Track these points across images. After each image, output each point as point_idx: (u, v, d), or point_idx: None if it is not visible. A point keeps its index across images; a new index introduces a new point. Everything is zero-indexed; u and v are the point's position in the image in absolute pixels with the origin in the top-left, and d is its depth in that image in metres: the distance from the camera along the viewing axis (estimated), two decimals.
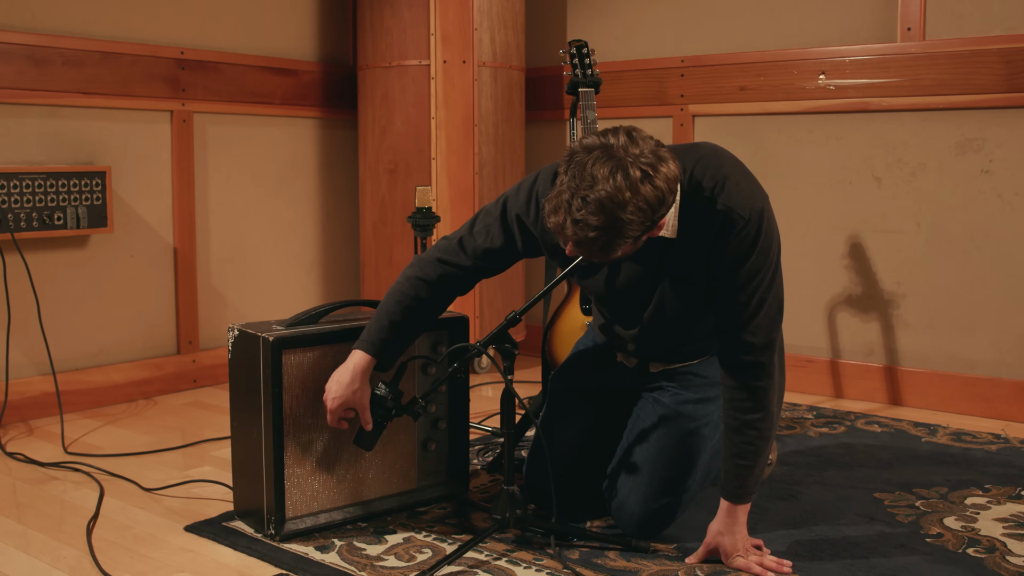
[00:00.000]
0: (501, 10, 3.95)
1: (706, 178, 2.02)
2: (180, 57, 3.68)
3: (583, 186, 1.82)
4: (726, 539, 2.12)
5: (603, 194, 1.80)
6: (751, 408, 2.05)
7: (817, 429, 3.18)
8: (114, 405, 3.55)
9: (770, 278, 2.04)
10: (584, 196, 1.81)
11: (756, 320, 2.03)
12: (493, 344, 2.15)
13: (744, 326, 2.04)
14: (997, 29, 3.29)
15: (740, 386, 2.05)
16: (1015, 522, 2.35)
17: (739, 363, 2.05)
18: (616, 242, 1.85)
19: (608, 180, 1.80)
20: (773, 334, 2.07)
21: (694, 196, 2.02)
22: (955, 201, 3.40)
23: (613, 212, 1.80)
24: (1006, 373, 3.34)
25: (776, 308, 2.07)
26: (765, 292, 2.04)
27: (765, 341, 2.05)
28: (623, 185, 1.80)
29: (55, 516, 2.45)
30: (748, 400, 2.05)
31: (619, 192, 1.79)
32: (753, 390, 2.05)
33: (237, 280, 3.96)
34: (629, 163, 1.81)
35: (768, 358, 2.05)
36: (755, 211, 2.01)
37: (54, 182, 3.28)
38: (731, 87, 3.77)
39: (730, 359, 2.07)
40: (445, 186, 3.89)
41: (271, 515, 2.24)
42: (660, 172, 1.83)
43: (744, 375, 2.05)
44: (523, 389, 3.72)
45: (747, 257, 2.01)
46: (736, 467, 2.08)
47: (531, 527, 2.20)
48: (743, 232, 1.99)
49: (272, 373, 2.20)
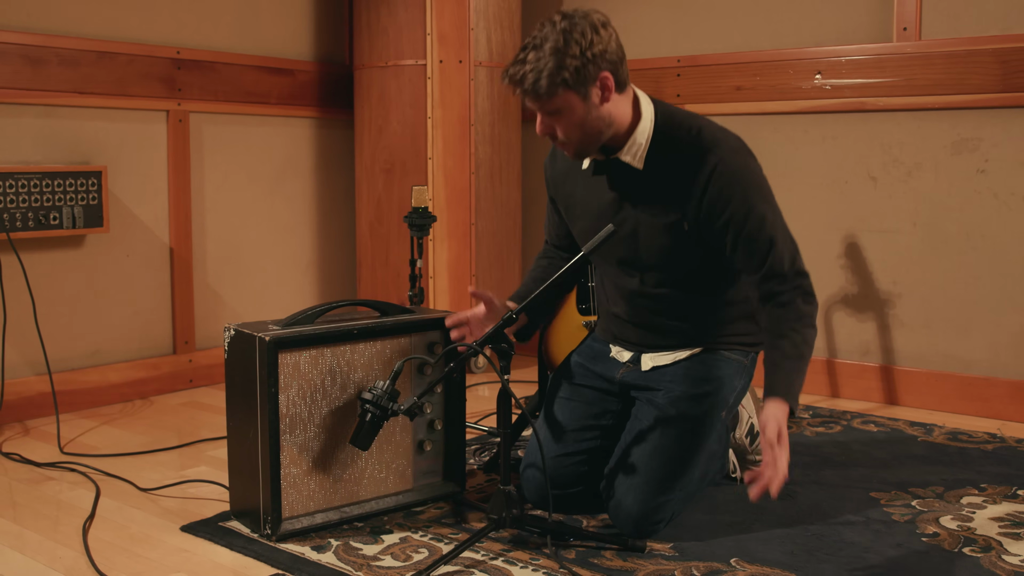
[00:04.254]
0: (497, 10, 3.95)
1: (684, 122, 2.24)
2: (176, 57, 3.67)
3: None
4: (772, 424, 2.04)
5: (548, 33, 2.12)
6: (796, 319, 2.15)
7: (813, 428, 3.19)
8: (110, 405, 3.55)
9: (772, 212, 2.20)
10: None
11: (775, 251, 2.16)
12: (489, 344, 2.15)
13: (766, 261, 2.17)
14: (993, 29, 3.29)
15: (784, 307, 2.17)
16: (1011, 521, 2.36)
17: (778, 295, 2.18)
18: (553, 61, 2.07)
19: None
20: (797, 261, 2.20)
21: (668, 129, 2.22)
22: (951, 201, 3.40)
23: (556, 37, 2.10)
24: (1002, 372, 3.34)
25: (791, 238, 2.21)
26: (773, 225, 2.18)
27: (793, 268, 2.18)
28: (563, 31, 2.10)
29: (51, 516, 2.45)
30: (793, 314, 2.16)
31: (558, 34, 2.10)
32: (799, 310, 2.16)
33: (233, 280, 3.96)
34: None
35: (804, 281, 2.18)
36: (728, 148, 2.19)
37: (50, 182, 3.28)
38: (727, 87, 3.78)
39: (769, 298, 2.19)
40: (441, 186, 3.88)
41: (267, 515, 2.24)
42: (595, 36, 2.11)
43: (788, 297, 2.17)
44: (519, 389, 3.73)
45: (738, 196, 2.16)
46: (779, 367, 2.13)
47: (527, 527, 2.20)
48: (723, 169, 2.16)
49: (268, 373, 2.20)
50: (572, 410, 2.46)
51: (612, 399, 2.47)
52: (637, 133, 2.23)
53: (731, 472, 2.62)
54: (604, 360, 2.51)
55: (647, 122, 2.23)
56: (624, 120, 2.21)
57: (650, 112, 2.24)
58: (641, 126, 2.23)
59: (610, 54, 2.13)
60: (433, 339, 2.50)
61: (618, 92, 2.17)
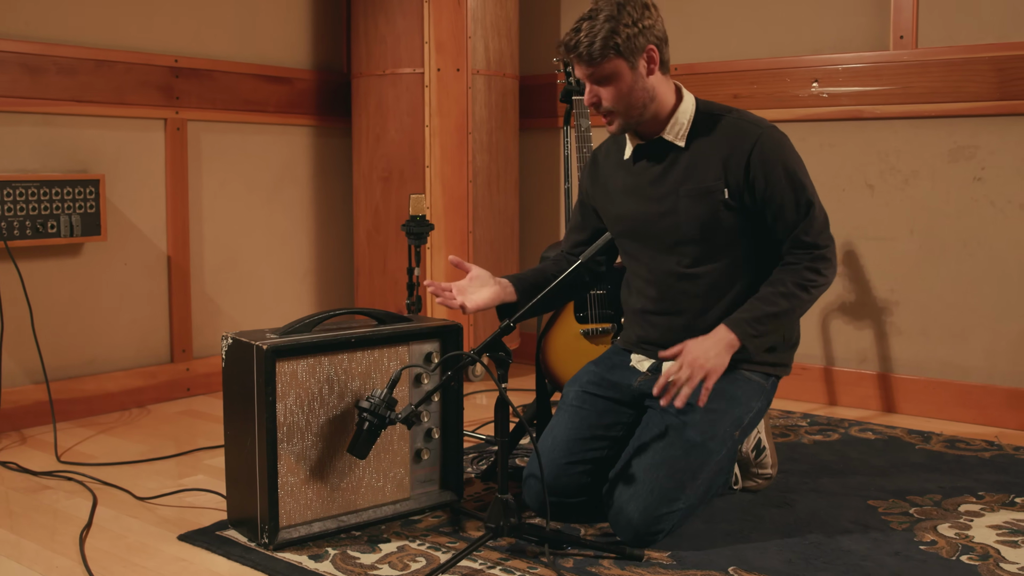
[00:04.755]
0: (495, 18, 3.96)
1: (723, 107, 2.40)
2: (174, 65, 3.68)
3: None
4: (693, 344, 2.25)
5: (603, 5, 2.27)
6: (802, 277, 2.29)
7: (811, 436, 3.19)
8: (107, 414, 3.54)
9: (808, 182, 2.33)
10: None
11: (810, 217, 2.29)
12: (487, 352, 2.16)
13: (799, 226, 2.29)
14: (989, 37, 3.30)
15: (787, 267, 2.32)
16: (1009, 529, 2.36)
17: (790, 263, 2.32)
18: (609, 26, 2.22)
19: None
20: (825, 232, 2.33)
21: (707, 113, 2.38)
22: (948, 208, 3.41)
23: (611, 8, 2.25)
24: (999, 380, 3.35)
25: (823, 211, 2.34)
26: (811, 193, 2.32)
27: (820, 238, 2.30)
28: (618, 3, 2.26)
29: (48, 525, 2.45)
30: (802, 271, 2.29)
31: (612, 6, 2.26)
32: (810, 269, 2.30)
33: (231, 288, 3.96)
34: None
35: (825, 251, 2.31)
36: (768, 125, 2.34)
37: (48, 190, 3.28)
38: (724, 95, 3.78)
39: (783, 263, 2.33)
40: (439, 194, 3.89)
41: (265, 524, 2.24)
42: (645, 11, 2.29)
43: (796, 260, 2.31)
44: (517, 397, 3.72)
45: (779, 162, 2.29)
46: (753, 305, 2.29)
47: (525, 535, 2.20)
48: (765, 141, 2.30)
49: (266, 381, 2.20)
50: (582, 419, 2.45)
51: (625, 410, 2.46)
52: (679, 113, 2.37)
53: (732, 484, 2.62)
54: (623, 369, 2.51)
55: (689, 104, 2.39)
56: (666, 100, 2.36)
57: (691, 98, 2.41)
58: (683, 106, 2.38)
59: (657, 31, 2.30)
60: (431, 348, 2.50)
61: (662, 72, 2.33)
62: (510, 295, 2.49)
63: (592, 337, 2.92)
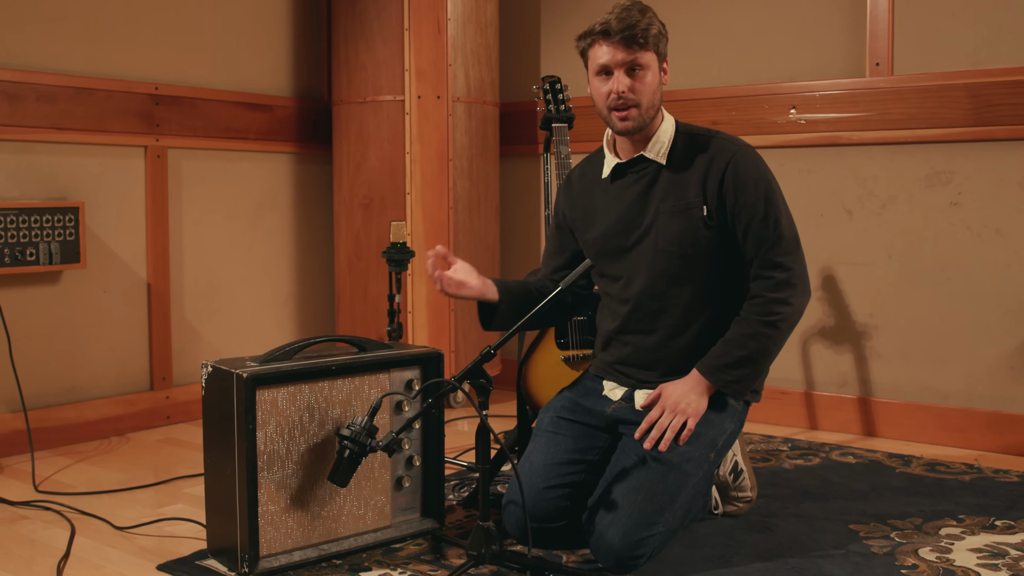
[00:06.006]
0: (475, 46, 3.98)
1: (701, 128, 2.46)
2: (155, 92, 3.68)
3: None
4: (671, 388, 2.33)
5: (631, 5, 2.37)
6: (767, 311, 2.31)
7: (792, 461, 3.19)
8: (86, 442, 3.52)
9: (779, 201, 2.36)
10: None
11: (778, 232, 2.32)
12: (468, 379, 2.15)
13: (766, 239, 2.32)
14: (963, 64, 3.34)
15: (763, 295, 2.32)
16: (989, 552, 2.37)
17: (756, 294, 2.33)
18: (648, 18, 2.34)
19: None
20: (796, 254, 2.35)
21: (687, 133, 2.44)
22: (925, 233, 3.44)
23: (643, 8, 2.37)
24: (978, 403, 3.37)
25: (792, 231, 2.37)
26: (780, 211, 2.34)
27: (788, 259, 2.33)
28: (644, 8, 2.37)
29: (25, 556, 2.42)
30: (766, 305, 2.31)
31: (646, 8, 2.38)
32: (774, 301, 2.31)
33: (211, 315, 3.95)
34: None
35: (791, 276, 2.33)
36: (744, 145, 2.40)
37: (26, 218, 3.27)
38: (703, 121, 3.80)
39: (752, 293, 2.34)
40: (420, 221, 3.89)
41: (245, 553, 2.22)
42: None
43: (771, 289, 2.32)
44: (498, 424, 3.72)
45: (752, 179, 2.34)
46: (723, 350, 2.32)
47: (507, 563, 2.19)
48: (739, 159, 2.35)
49: (246, 410, 2.19)
50: (558, 444, 2.45)
51: (600, 434, 2.47)
52: (660, 132, 2.43)
53: (712, 508, 2.62)
54: (595, 396, 2.52)
55: (670, 124, 2.45)
56: (657, 117, 2.43)
57: (671, 119, 2.48)
58: (664, 126, 2.44)
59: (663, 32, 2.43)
60: (412, 375, 2.50)
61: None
62: (492, 294, 2.50)
63: (573, 363, 2.92)
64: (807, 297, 2.38)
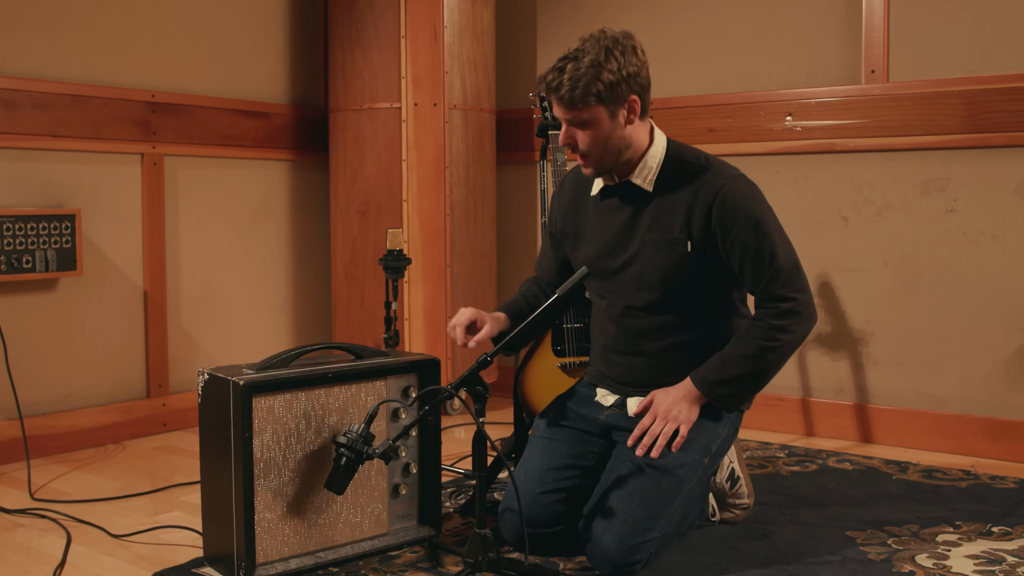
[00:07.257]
0: (472, 53, 3.99)
1: (692, 152, 2.39)
2: (151, 100, 3.68)
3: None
4: (663, 396, 2.32)
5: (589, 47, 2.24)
6: (768, 336, 2.27)
7: (789, 468, 3.19)
8: (82, 450, 3.51)
9: (773, 231, 2.31)
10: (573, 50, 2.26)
11: (775, 267, 2.27)
12: (464, 387, 2.15)
13: (766, 278, 2.28)
14: (959, 71, 3.35)
15: (766, 320, 2.29)
16: (986, 559, 2.37)
17: (758, 317, 2.31)
18: (593, 71, 2.18)
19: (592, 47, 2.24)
20: (795, 282, 2.30)
21: (677, 158, 2.37)
22: (921, 240, 3.44)
23: (597, 51, 2.21)
24: (974, 410, 3.37)
25: (791, 260, 2.31)
26: (775, 242, 2.29)
27: (790, 289, 2.28)
28: (606, 47, 2.22)
29: (21, 564, 2.42)
30: (769, 330, 2.27)
31: (599, 49, 2.22)
32: (776, 328, 2.27)
33: (208, 323, 3.94)
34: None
35: (794, 305, 2.28)
36: (735, 175, 2.34)
37: (23, 225, 3.26)
38: (699, 128, 3.82)
39: (765, 311, 2.30)
40: (416, 228, 3.89)
41: (241, 561, 2.22)
42: (632, 58, 2.26)
43: (776, 316, 2.28)
44: (495, 431, 3.72)
45: (741, 213, 2.28)
46: (718, 365, 2.30)
47: (504, 570, 2.19)
48: (727, 193, 2.29)
49: (242, 417, 2.19)
50: (553, 449, 2.46)
51: (595, 440, 2.48)
52: (648, 157, 2.36)
53: (710, 515, 2.62)
54: (589, 403, 2.53)
55: (659, 148, 2.38)
56: (641, 145, 2.36)
57: (663, 141, 2.40)
58: (652, 150, 2.37)
59: (642, 79, 2.29)
60: (408, 382, 2.49)
61: (640, 118, 2.33)
62: (505, 326, 2.52)
63: (570, 370, 2.92)
64: (812, 323, 2.34)
